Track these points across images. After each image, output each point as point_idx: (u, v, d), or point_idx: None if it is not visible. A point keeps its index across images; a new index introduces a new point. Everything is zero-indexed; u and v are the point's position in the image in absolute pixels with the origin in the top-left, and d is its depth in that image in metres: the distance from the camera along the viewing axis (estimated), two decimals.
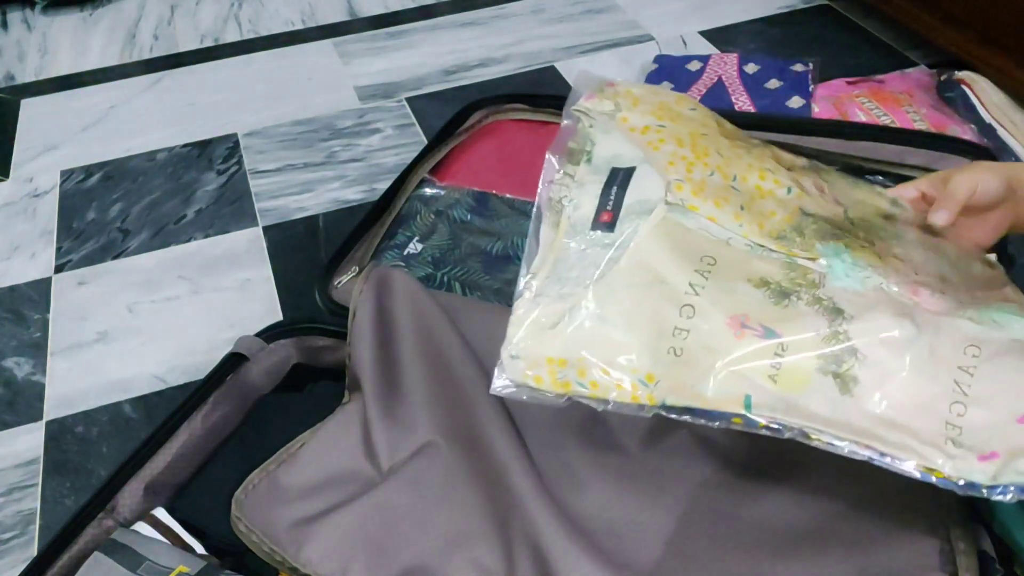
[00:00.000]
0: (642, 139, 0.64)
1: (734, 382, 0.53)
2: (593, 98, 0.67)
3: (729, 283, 0.56)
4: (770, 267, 0.57)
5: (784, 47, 1.36)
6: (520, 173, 1.03)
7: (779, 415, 0.53)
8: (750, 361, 0.53)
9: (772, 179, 0.65)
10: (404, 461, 0.70)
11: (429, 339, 0.75)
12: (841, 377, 0.53)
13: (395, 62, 1.43)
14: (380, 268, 0.79)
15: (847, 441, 0.52)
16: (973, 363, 0.53)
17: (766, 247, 0.59)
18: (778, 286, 0.56)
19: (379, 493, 0.67)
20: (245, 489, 0.68)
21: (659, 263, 0.57)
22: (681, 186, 0.60)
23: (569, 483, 0.67)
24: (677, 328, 0.55)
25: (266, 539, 0.65)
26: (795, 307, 0.55)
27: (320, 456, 0.71)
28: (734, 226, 0.60)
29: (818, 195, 0.66)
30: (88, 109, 1.37)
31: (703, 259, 0.57)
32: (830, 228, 0.62)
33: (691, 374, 0.54)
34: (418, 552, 0.64)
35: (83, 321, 1.00)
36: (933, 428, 0.52)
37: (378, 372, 0.74)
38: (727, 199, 0.61)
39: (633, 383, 0.56)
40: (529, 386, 0.57)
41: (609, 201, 0.60)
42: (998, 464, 0.50)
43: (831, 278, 0.56)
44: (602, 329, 0.57)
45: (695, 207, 0.60)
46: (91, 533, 0.65)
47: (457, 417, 0.71)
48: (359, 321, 0.76)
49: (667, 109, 0.68)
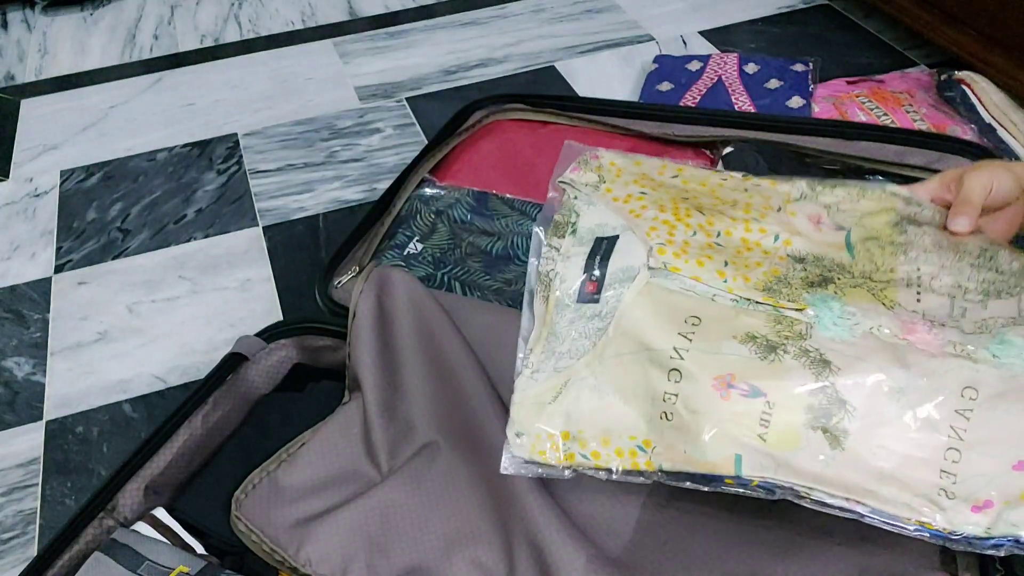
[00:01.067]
0: (624, 208, 0.65)
1: (724, 443, 0.53)
2: (578, 170, 0.68)
3: (714, 343, 0.56)
4: (756, 321, 0.57)
5: (784, 47, 1.36)
6: (520, 173, 1.03)
7: (769, 474, 0.52)
8: (738, 421, 0.53)
9: (758, 228, 0.65)
10: (404, 461, 0.70)
11: (429, 339, 0.75)
12: (830, 431, 0.52)
13: (395, 62, 1.43)
14: (380, 268, 0.79)
15: (839, 498, 0.52)
16: (970, 406, 0.52)
17: (752, 300, 0.58)
18: (764, 340, 0.55)
19: (379, 492, 0.67)
20: (245, 489, 0.68)
21: (644, 330, 0.58)
22: (663, 249, 0.61)
23: (569, 483, 0.67)
24: (666, 393, 0.56)
25: (266, 539, 0.65)
26: (781, 362, 0.54)
27: (320, 456, 0.71)
28: (718, 283, 0.60)
29: (812, 230, 0.65)
30: (88, 109, 1.37)
31: (687, 320, 0.57)
32: (819, 272, 0.61)
33: (683, 438, 0.55)
34: (418, 551, 0.64)
35: (83, 321, 1.00)
36: (926, 478, 0.51)
37: (378, 372, 0.74)
38: (711, 256, 0.61)
39: (632, 450, 0.57)
40: (536, 462, 0.58)
41: (593, 271, 0.61)
42: (992, 515, 0.50)
43: (819, 328, 0.56)
44: (598, 400, 0.58)
45: (677, 268, 0.60)
46: (91, 533, 0.65)
47: (457, 417, 0.71)
48: (359, 321, 0.76)
49: (649, 178, 0.69)
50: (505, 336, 0.77)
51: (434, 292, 0.80)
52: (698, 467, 0.54)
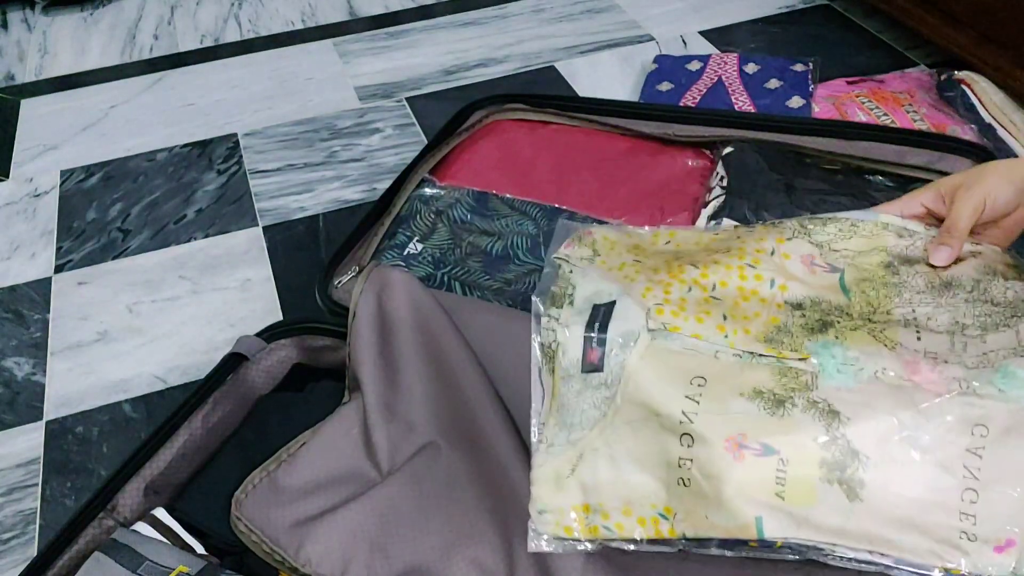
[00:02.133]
0: (619, 274, 0.65)
1: (742, 506, 0.53)
2: (572, 246, 0.68)
3: (721, 402, 0.55)
4: (761, 375, 0.56)
5: (784, 47, 1.36)
6: (520, 173, 1.03)
7: (791, 533, 0.52)
8: (754, 482, 0.53)
9: (754, 275, 0.64)
10: (404, 461, 0.70)
11: (429, 339, 0.75)
12: (846, 483, 0.52)
13: (395, 62, 1.43)
14: (380, 268, 0.79)
15: (862, 552, 0.52)
16: (981, 443, 0.52)
17: (755, 353, 0.58)
18: (771, 395, 0.55)
19: (379, 493, 0.67)
20: (245, 489, 0.68)
21: (651, 395, 0.57)
22: (661, 309, 0.60)
23: None
24: (681, 459, 0.55)
25: (266, 539, 0.65)
26: (790, 416, 0.54)
27: (320, 456, 0.71)
28: (719, 338, 0.59)
29: (807, 274, 0.65)
30: (88, 109, 1.37)
31: (693, 381, 0.57)
32: (819, 317, 0.61)
33: (702, 503, 0.54)
34: (418, 552, 0.64)
35: (83, 321, 1.00)
36: (946, 522, 0.51)
37: (378, 372, 0.74)
38: (708, 312, 0.61)
39: (654, 518, 0.56)
40: (561, 537, 0.58)
41: (593, 340, 0.60)
42: (1015, 554, 0.50)
43: (823, 377, 0.55)
44: (615, 470, 0.57)
45: (677, 327, 0.60)
46: (91, 533, 0.65)
47: (457, 417, 0.71)
48: (359, 321, 0.76)
49: (641, 249, 0.69)
50: (505, 336, 0.77)
51: (434, 292, 0.80)
52: (721, 532, 0.54)
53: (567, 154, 1.05)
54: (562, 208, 0.97)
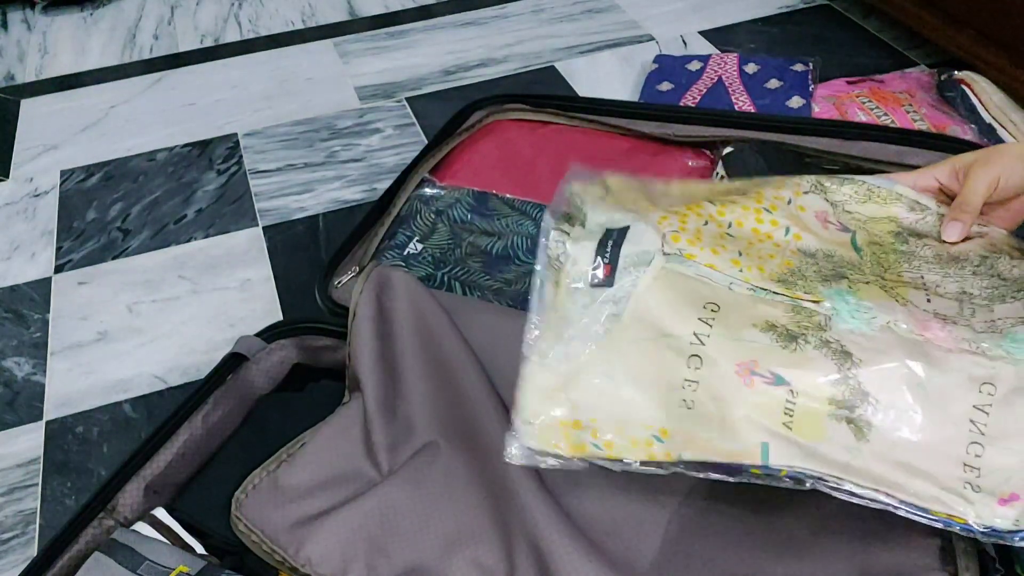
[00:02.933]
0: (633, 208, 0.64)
1: (749, 431, 0.53)
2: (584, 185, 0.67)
3: (734, 329, 0.55)
4: (775, 311, 0.56)
5: (784, 47, 1.36)
6: (520, 173, 1.03)
7: (797, 463, 0.52)
8: (763, 409, 0.53)
9: (769, 220, 0.64)
10: (404, 461, 0.70)
11: (429, 339, 0.75)
12: (855, 423, 0.52)
13: (395, 62, 1.43)
14: (380, 268, 0.79)
15: (868, 489, 0.52)
16: (988, 400, 0.52)
17: (769, 290, 0.58)
18: (784, 330, 0.55)
19: (379, 493, 0.67)
20: (245, 489, 0.68)
21: (662, 315, 0.56)
22: (677, 236, 0.60)
23: (569, 483, 0.67)
24: (686, 380, 0.54)
25: (266, 539, 0.65)
26: (803, 351, 0.54)
27: (320, 456, 0.71)
28: (734, 272, 0.59)
29: (820, 228, 0.65)
30: (88, 109, 1.37)
31: (706, 306, 0.56)
32: (832, 267, 0.61)
33: (705, 426, 0.54)
34: (418, 551, 0.64)
35: (83, 321, 1.00)
36: (951, 472, 0.51)
37: (378, 372, 0.74)
38: (724, 246, 0.60)
39: (647, 440, 0.55)
40: (545, 451, 0.56)
41: (606, 255, 0.60)
42: (1019, 508, 0.50)
43: (837, 320, 0.55)
44: (611, 387, 0.56)
45: (692, 255, 0.59)
46: (91, 533, 0.65)
47: (457, 417, 0.71)
48: (359, 321, 0.76)
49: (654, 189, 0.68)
50: (505, 336, 0.77)
51: (434, 292, 0.80)
52: (722, 456, 0.53)
53: (567, 154, 1.05)
54: None
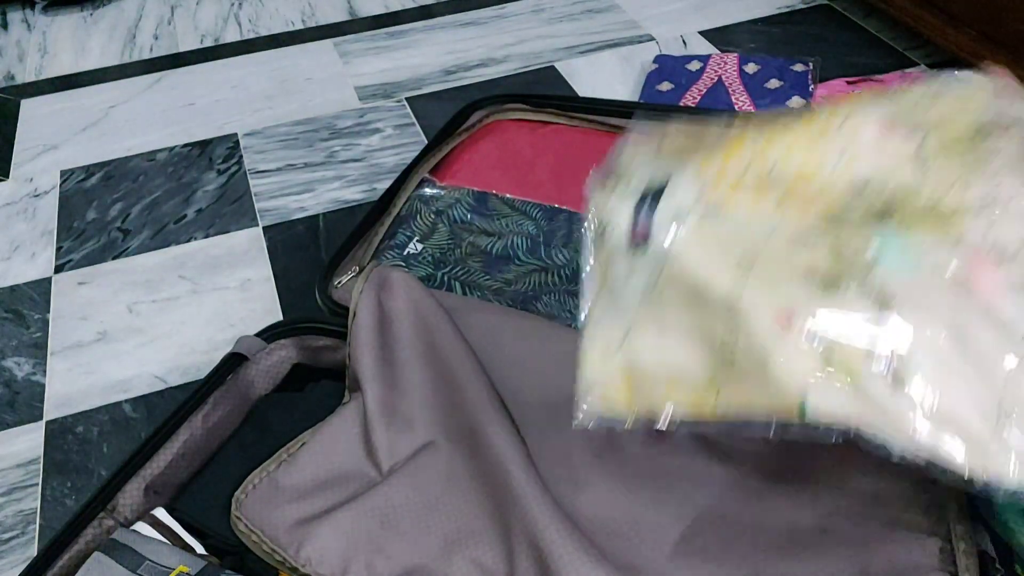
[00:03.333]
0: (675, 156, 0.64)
1: (788, 382, 0.52)
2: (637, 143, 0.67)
3: (773, 278, 0.54)
4: (815, 255, 0.55)
5: (784, 47, 1.36)
6: (520, 173, 1.03)
7: (836, 412, 0.51)
8: (800, 358, 0.52)
9: (819, 151, 0.61)
10: (404, 461, 0.70)
11: (430, 339, 0.75)
12: (892, 373, 0.51)
13: (395, 62, 1.43)
14: (380, 268, 0.79)
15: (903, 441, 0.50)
16: None
17: (811, 235, 0.56)
18: (825, 275, 0.54)
19: (379, 493, 0.67)
20: (245, 489, 0.68)
21: (698, 270, 0.56)
22: (715, 187, 0.59)
23: (570, 483, 0.67)
24: (727, 333, 0.54)
25: (266, 539, 0.65)
26: (843, 297, 0.52)
27: (320, 456, 0.71)
28: (774, 218, 0.57)
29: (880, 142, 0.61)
30: (88, 109, 1.37)
31: (743, 258, 0.55)
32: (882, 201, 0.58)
33: (747, 379, 0.54)
34: (419, 551, 0.64)
35: (83, 321, 1.00)
36: (986, 426, 0.50)
37: (378, 372, 0.74)
38: (764, 192, 0.59)
39: (696, 397, 0.55)
40: (607, 415, 0.58)
41: (641, 216, 0.60)
42: None
43: (880, 264, 0.53)
44: (659, 346, 0.57)
45: (731, 206, 0.58)
46: (91, 533, 0.65)
47: (457, 417, 0.71)
48: (359, 321, 0.76)
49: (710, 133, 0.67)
50: (505, 336, 0.78)
51: (434, 292, 0.80)
52: (763, 407, 0.53)
53: (567, 154, 1.05)
54: (562, 208, 0.97)
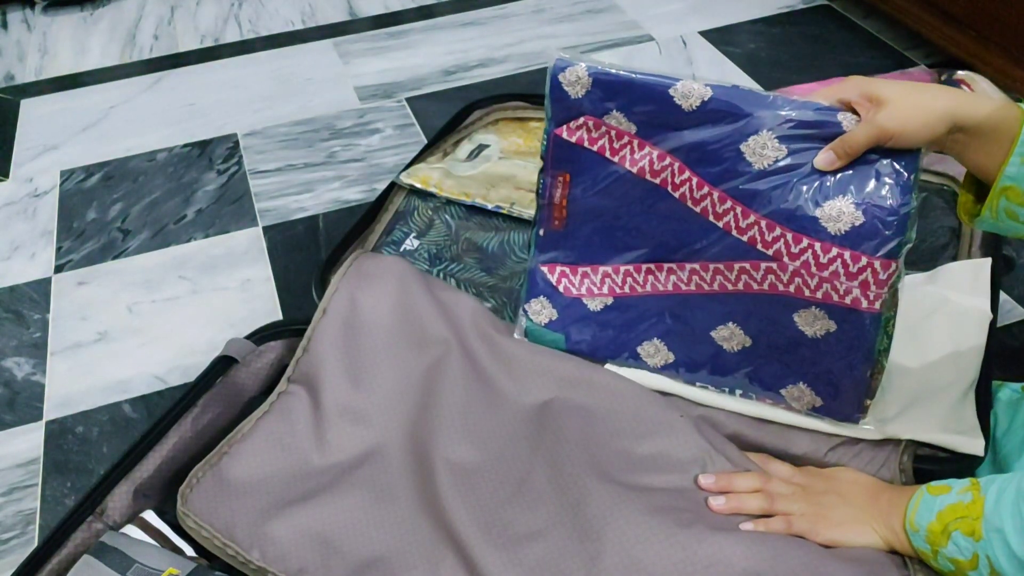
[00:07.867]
0: None
1: None
2: None
3: None
4: None
5: (784, 47, 1.36)
6: None
7: None
8: None
9: None
10: (358, 460, 0.70)
11: (407, 336, 0.75)
12: None
13: (395, 62, 1.43)
14: (364, 255, 0.78)
15: None
16: None
17: None
18: None
19: (332, 490, 0.67)
20: (189, 483, 0.67)
21: None
22: None
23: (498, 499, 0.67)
24: None
25: (218, 534, 0.64)
26: None
27: (265, 450, 0.70)
28: None
29: None
30: (88, 109, 1.37)
31: None
32: None
33: None
34: (372, 548, 0.63)
35: (83, 321, 1.01)
36: None
37: (342, 370, 0.74)
38: None
39: None
40: None
41: None
42: None
43: None
44: None
45: None
46: (80, 536, 0.65)
47: (417, 420, 0.71)
48: (328, 318, 0.75)
49: None
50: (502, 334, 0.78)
51: (428, 278, 0.80)
52: None
53: None
54: None
